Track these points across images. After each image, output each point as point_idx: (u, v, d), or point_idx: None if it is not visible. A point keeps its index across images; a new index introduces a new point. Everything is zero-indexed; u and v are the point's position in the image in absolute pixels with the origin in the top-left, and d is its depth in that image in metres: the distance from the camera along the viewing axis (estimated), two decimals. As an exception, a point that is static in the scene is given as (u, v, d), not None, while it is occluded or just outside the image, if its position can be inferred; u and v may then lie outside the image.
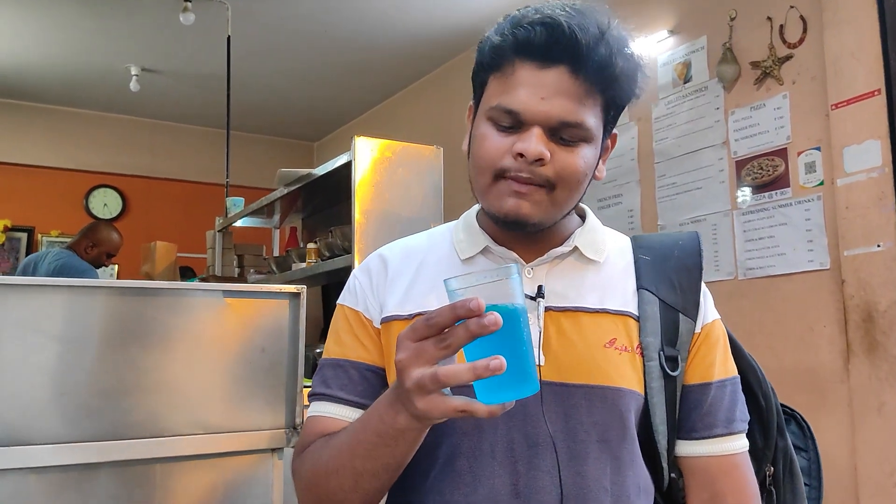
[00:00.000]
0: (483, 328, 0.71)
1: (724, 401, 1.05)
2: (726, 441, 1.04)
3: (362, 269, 1.14)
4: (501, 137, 0.97)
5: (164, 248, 4.23)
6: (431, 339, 0.75)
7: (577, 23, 0.93)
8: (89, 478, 1.37)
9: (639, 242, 1.12)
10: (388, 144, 2.52)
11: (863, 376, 2.74)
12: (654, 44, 3.73)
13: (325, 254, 2.89)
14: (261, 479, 1.50)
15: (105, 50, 5.24)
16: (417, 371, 0.75)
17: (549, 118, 0.95)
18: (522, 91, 0.95)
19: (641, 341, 1.01)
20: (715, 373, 1.05)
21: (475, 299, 0.71)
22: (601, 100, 0.98)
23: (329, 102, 6.42)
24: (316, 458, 0.99)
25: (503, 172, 0.97)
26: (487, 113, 0.99)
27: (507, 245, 1.05)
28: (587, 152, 0.99)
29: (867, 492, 2.66)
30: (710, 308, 1.09)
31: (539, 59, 0.95)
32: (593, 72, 0.95)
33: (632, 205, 3.83)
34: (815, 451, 1.20)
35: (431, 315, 0.74)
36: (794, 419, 1.22)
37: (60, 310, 1.37)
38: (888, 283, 2.67)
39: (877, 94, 2.73)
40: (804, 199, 3.01)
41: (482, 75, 1.02)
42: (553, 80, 0.94)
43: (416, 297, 1.05)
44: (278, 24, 4.85)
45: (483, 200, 1.02)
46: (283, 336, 1.55)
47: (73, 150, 6.47)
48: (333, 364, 1.08)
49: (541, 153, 0.94)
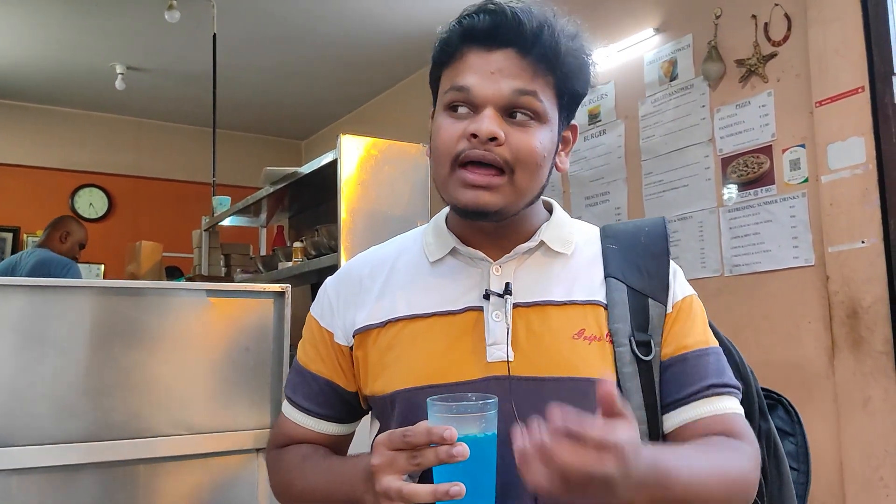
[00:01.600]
0: (451, 457, 0.78)
1: (707, 367, 1.02)
2: (715, 401, 1.01)
3: (333, 283, 1.16)
4: (456, 123, 0.98)
5: (149, 248, 4.21)
6: (405, 452, 0.81)
7: (520, 9, 0.97)
8: (73, 479, 1.36)
9: (606, 232, 1.12)
10: (374, 143, 2.51)
11: (848, 372, 2.76)
12: (641, 42, 3.74)
13: (312, 252, 2.88)
14: (246, 479, 1.50)
15: (90, 48, 5.20)
16: (387, 479, 0.81)
17: (500, 95, 0.96)
18: (470, 71, 0.97)
19: (610, 328, 1.01)
20: (692, 343, 1.04)
21: (449, 430, 0.79)
22: (552, 81, 0.99)
23: (316, 100, 6.41)
24: (288, 479, 1.09)
25: (459, 157, 0.97)
26: (442, 100, 1.01)
27: (474, 244, 1.06)
28: (543, 134, 0.99)
29: (853, 486, 2.68)
30: (681, 286, 1.08)
31: (486, 43, 0.97)
32: (540, 53, 0.97)
33: (619, 202, 3.84)
34: (802, 436, 1.18)
35: (409, 432, 0.81)
36: (781, 404, 1.21)
37: (43, 310, 1.36)
38: (872, 279, 2.69)
39: (861, 91, 2.75)
40: (789, 196, 3.02)
41: (436, 73, 1.05)
42: (501, 61, 0.97)
43: (386, 305, 1.07)
44: (264, 21, 4.83)
45: (444, 194, 1.03)
46: (267, 335, 1.55)
47: (59, 149, 6.43)
48: (300, 370, 1.15)
49: (493, 131, 0.95)
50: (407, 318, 1.04)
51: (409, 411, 0.98)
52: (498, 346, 0.99)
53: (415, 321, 1.04)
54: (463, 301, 1.03)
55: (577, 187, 4.08)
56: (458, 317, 1.03)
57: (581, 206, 4.00)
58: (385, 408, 1.05)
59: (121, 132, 6.71)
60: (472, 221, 1.04)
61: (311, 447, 1.11)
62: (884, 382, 2.64)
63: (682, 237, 3.46)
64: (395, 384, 1.02)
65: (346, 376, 1.11)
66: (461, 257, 1.07)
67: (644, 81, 3.74)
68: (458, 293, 1.04)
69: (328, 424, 1.12)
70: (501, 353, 0.99)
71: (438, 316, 1.03)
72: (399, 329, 1.04)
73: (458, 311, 1.03)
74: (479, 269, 1.05)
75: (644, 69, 3.74)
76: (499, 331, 1.00)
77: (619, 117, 3.87)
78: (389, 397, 1.03)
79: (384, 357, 1.05)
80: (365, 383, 1.08)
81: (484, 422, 0.83)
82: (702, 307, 1.09)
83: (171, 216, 6.50)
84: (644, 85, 3.74)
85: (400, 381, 1.02)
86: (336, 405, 1.12)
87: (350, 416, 1.15)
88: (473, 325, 1.01)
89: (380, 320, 1.06)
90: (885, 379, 2.64)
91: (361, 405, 1.13)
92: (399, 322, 1.04)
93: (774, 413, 1.18)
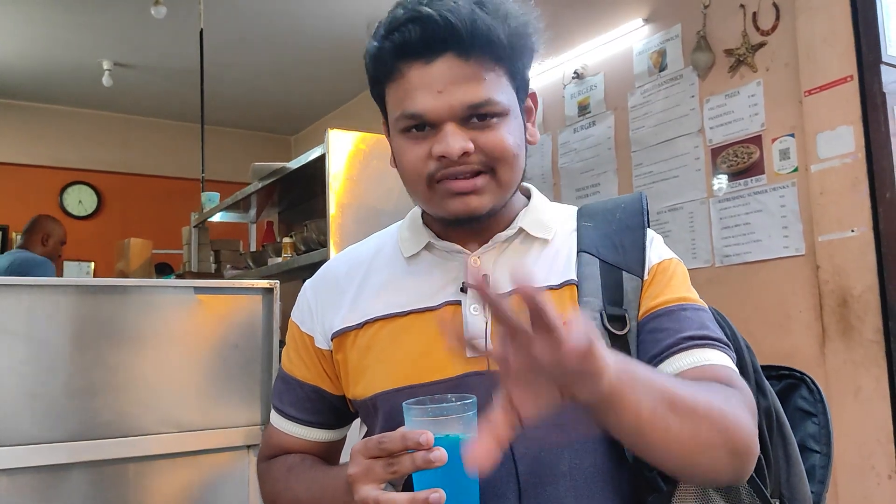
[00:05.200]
0: (428, 463, 0.75)
1: (684, 321, 0.95)
2: (696, 353, 0.93)
3: (312, 286, 1.14)
4: (418, 145, 0.94)
5: (138, 245, 4.19)
6: (382, 460, 0.78)
7: (448, 9, 0.90)
8: (62, 479, 1.35)
9: (583, 211, 1.09)
10: (363, 137, 2.50)
11: (839, 360, 2.76)
12: (629, 33, 3.73)
13: (301, 248, 2.87)
14: (236, 476, 1.49)
15: (76, 45, 5.17)
16: (364, 489, 0.79)
17: (453, 109, 0.91)
18: (418, 93, 0.92)
19: (580, 301, 0.96)
20: (668, 299, 0.98)
21: (426, 434, 0.75)
22: (502, 69, 0.94)
23: (305, 95, 6.38)
24: (275, 490, 1.07)
25: (433, 178, 0.94)
26: (396, 125, 0.97)
27: (451, 237, 1.03)
28: (510, 125, 0.95)
29: (844, 475, 2.69)
30: (658, 251, 1.03)
31: (423, 55, 0.92)
32: (480, 49, 0.91)
33: (610, 193, 3.83)
34: (825, 416, 1.10)
35: (384, 439, 0.78)
36: (804, 383, 1.13)
37: (29, 309, 1.35)
38: (862, 268, 2.69)
39: (849, 80, 2.75)
40: (779, 185, 3.02)
41: (377, 89, 1.00)
42: (443, 70, 0.91)
43: (363, 305, 1.04)
44: (252, 17, 4.80)
45: (429, 209, 1.00)
46: (256, 332, 1.54)
47: (47, 146, 6.39)
48: (285, 378, 1.12)
49: (462, 148, 0.91)
50: (384, 318, 1.02)
51: (392, 414, 0.96)
52: (477, 340, 0.96)
53: (392, 320, 1.01)
54: (440, 296, 1.01)
55: (568, 179, 4.08)
56: (435, 312, 1.00)
57: (572, 198, 3.99)
58: (369, 411, 1.03)
59: (109, 129, 6.68)
60: (456, 226, 1.01)
61: (298, 457, 1.09)
62: (874, 371, 2.65)
63: (673, 228, 3.46)
64: (375, 387, 1.00)
65: (332, 380, 1.08)
66: (437, 251, 1.05)
67: (633, 72, 3.73)
68: (436, 288, 1.01)
69: (318, 431, 1.10)
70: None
71: (416, 313, 1.00)
72: (376, 329, 1.02)
73: (435, 306, 1.00)
74: (456, 262, 1.03)
75: (633, 60, 3.74)
76: (477, 324, 0.97)
77: (609, 109, 3.86)
78: (371, 400, 1.01)
79: (363, 359, 1.02)
80: (347, 387, 1.06)
81: (463, 423, 0.80)
82: (684, 270, 1.04)
83: (160, 213, 6.47)
84: (633, 76, 3.73)
85: (379, 383, 0.99)
86: (324, 411, 1.10)
87: (339, 421, 1.13)
88: (451, 321, 0.98)
89: (357, 322, 1.04)
90: (875, 367, 2.65)
91: (350, 408, 1.11)
92: (376, 322, 1.02)
93: (797, 393, 1.12)
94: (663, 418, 0.79)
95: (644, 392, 0.78)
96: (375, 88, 1.01)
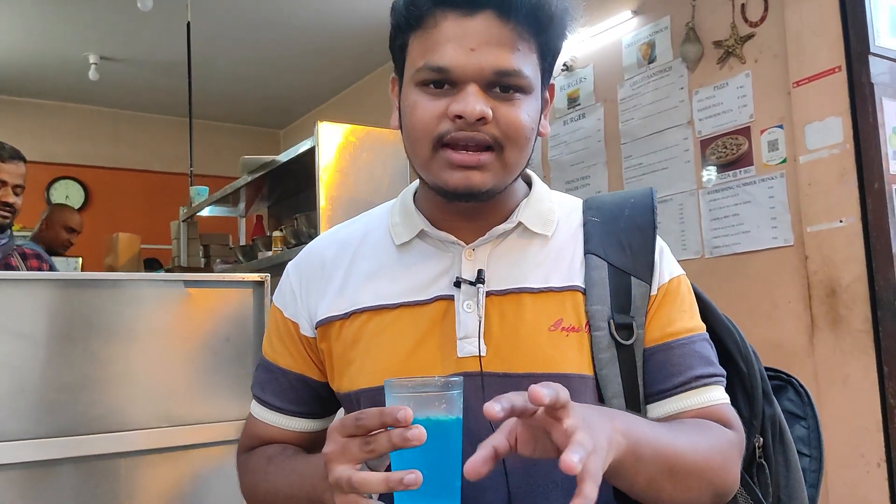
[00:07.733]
0: (405, 441, 0.69)
1: (693, 357, 0.95)
2: (702, 392, 0.93)
3: (295, 268, 1.09)
4: (435, 101, 0.88)
5: (127, 240, 4.17)
6: (358, 438, 0.73)
7: None
8: (52, 474, 1.35)
9: (589, 204, 1.04)
10: (353, 129, 2.50)
11: (827, 350, 2.78)
12: (619, 25, 3.73)
13: (291, 241, 2.87)
14: (228, 470, 1.48)
15: (62, 38, 5.12)
16: (339, 468, 0.73)
17: (482, 71, 0.86)
18: (449, 45, 0.86)
19: (587, 310, 0.93)
20: (678, 330, 0.96)
21: (404, 409, 0.70)
22: (535, 45, 0.90)
23: (294, 89, 6.35)
24: (254, 482, 1.01)
25: (442, 139, 0.88)
26: (414, 77, 0.90)
27: (446, 226, 0.97)
28: (529, 105, 0.90)
29: (834, 464, 2.71)
30: (668, 265, 1.00)
31: (462, 6, 0.86)
32: (524, 15, 0.86)
33: (599, 186, 3.84)
34: (814, 419, 1.09)
35: (361, 415, 0.73)
36: (792, 385, 1.12)
37: (17, 303, 1.34)
38: (851, 259, 2.71)
39: (837, 71, 2.76)
40: (768, 176, 3.04)
41: (401, 38, 0.93)
42: (480, 28, 0.86)
43: (349, 294, 0.99)
44: (239, 9, 4.77)
45: (426, 175, 0.93)
46: (247, 325, 1.53)
47: (33, 141, 6.32)
48: (267, 367, 1.07)
49: (482, 112, 0.85)
50: (372, 310, 0.97)
51: None
52: (469, 339, 0.92)
53: (380, 312, 0.96)
54: (432, 290, 0.96)
55: (558, 171, 4.08)
56: (426, 307, 0.95)
57: (562, 191, 3.97)
58: (352, 405, 0.98)
59: (96, 123, 6.63)
60: (452, 202, 0.94)
61: (278, 447, 1.04)
62: (863, 360, 2.67)
63: (663, 219, 3.47)
64: (359, 382, 0.96)
65: (318, 368, 1.04)
66: (430, 241, 0.99)
67: (622, 64, 3.73)
68: (427, 281, 0.96)
69: (303, 421, 1.05)
70: (473, 347, 0.91)
71: (406, 307, 0.95)
72: (364, 321, 0.97)
73: (426, 300, 0.95)
74: (450, 254, 0.97)
75: (622, 52, 3.74)
76: (470, 323, 0.92)
77: (599, 101, 3.87)
78: (355, 395, 0.97)
79: (349, 352, 0.98)
80: (331, 378, 1.02)
81: (446, 403, 0.74)
82: (689, 289, 1.02)
83: (148, 207, 6.43)
84: (622, 68, 3.73)
85: (364, 378, 0.95)
86: (309, 400, 1.05)
87: (324, 409, 1.07)
88: (443, 317, 0.94)
89: (343, 311, 0.98)
90: (864, 357, 2.66)
91: (335, 396, 1.06)
92: (364, 313, 0.97)
93: (784, 395, 1.10)
94: (659, 484, 0.82)
95: (645, 464, 0.80)
96: (399, 36, 0.94)
